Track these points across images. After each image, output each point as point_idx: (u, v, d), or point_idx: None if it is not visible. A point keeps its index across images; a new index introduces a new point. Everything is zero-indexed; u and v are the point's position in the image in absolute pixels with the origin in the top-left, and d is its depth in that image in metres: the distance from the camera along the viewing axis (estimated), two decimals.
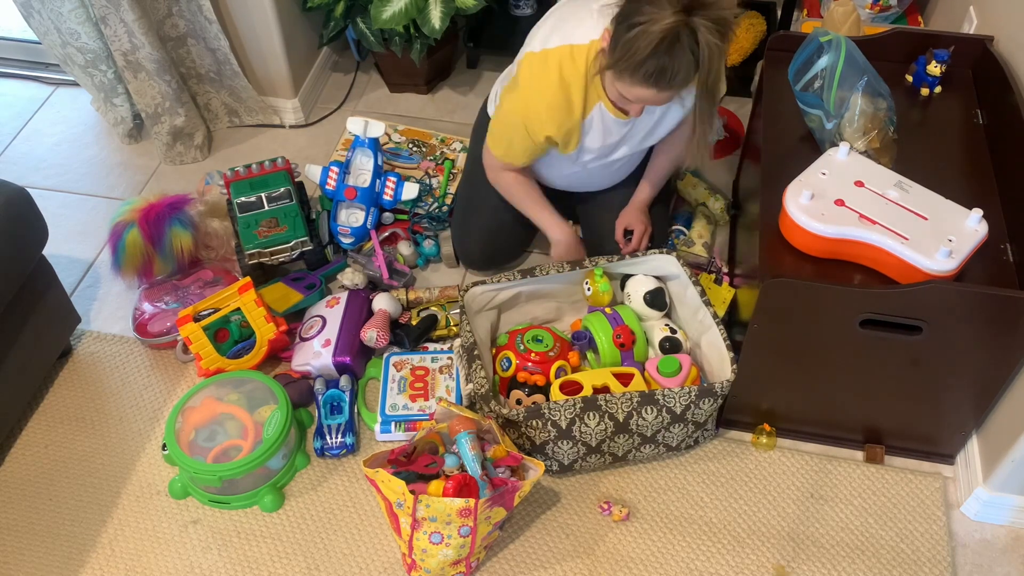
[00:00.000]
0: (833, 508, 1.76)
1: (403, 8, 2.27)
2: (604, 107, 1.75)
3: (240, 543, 1.73)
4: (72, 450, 1.87)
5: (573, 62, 1.68)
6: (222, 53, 2.32)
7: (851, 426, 1.81)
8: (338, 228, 2.10)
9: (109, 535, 1.75)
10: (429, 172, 2.33)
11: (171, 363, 2.02)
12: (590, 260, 1.92)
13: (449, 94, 2.66)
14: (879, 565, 1.68)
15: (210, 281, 2.07)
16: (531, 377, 1.81)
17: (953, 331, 1.53)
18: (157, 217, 2.01)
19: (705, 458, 1.84)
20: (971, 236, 1.50)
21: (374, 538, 1.73)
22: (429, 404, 1.86)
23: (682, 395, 1.67)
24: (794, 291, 1.54)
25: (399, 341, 1.97)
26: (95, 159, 2.51)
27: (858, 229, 1.52)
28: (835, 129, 1.70)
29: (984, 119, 1.78)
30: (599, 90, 1.71)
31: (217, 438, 1.76)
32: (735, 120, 2.50)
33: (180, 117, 2.38)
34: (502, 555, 1.70)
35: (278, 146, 2.52)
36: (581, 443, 1.70)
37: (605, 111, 1.75)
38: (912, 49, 1.87)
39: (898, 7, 2.30)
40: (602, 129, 1.80)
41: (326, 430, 1.83)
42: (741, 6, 2.50)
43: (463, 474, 1.58)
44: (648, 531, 1.73)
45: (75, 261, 2.24)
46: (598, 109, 1.75)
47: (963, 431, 1.76)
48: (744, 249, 1.99)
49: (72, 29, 2.22)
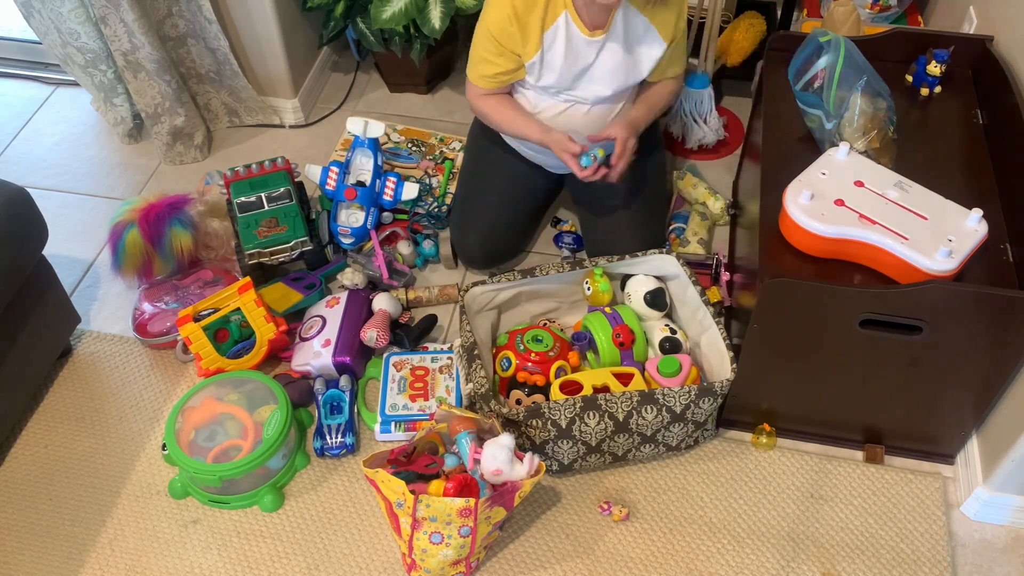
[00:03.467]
0: (833, 508, 1.76)
1: (403, 8, 2.27)
2: (570, 17, 1.74)
3: (240, 543, 1.73)
4: (72, 450, 1.87)
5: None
6: (222, 53, 2.32)
7: (851, 426, 1.81)
8: (338, 229, 2.10)
9: (109, 535, 1.75)
10: (429, 172, 2.33)
11: (171, 363, 2.02)
12: (590, 260, 1.92)
13: (449, 94, 2.66)
14: (879, 565, 1.68)
15: (210, 281, 2.07)
16: (531, 377, 1.81)
17: (953, 331, 1.53)
18: (157, 217, 2.01)
19: (705, 458, 1.84)
20: (971, 236, 1.50)
21: (374, 538, 1.73)
22: (429, 404, 1.86)
23: (682, 394, 1.67)
24: (794, 291, 1.54)
25: (399, 341, 1.97)
26: (95, 159, 2.51)
27: (858, 229, 1.52)
28: (835, 129, 1.70)
29: (984, 119, 1.78)
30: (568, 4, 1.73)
31: (217, 438, 1.76)
32: (735, 120, 2.50)
33: (180, 117, 2.38)
34: (502, 555, 1.71)
35: (278, 146, 2.53)
36: (581, 443, 1.70)
37: (571, 22, 1.75)
38: (912, 49, 1.87)
39: (898, 7, 2.30)
40: (566, 43, 1.77)
41: (326, 430, 1.83)
42: (741, 6, 2.51)
43: (463, 474, 1.58)
44: (648, 531, 1.73)
45: (75, 261, 2.24)
46: (563, 19, 1.75)
47: (963, 431, 1.76)
48: (744, 249, 1.99)
49: (72, 29, 2.22)
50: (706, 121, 2.36)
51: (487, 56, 1.83)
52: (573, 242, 2.21)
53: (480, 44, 1.84)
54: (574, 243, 2.21)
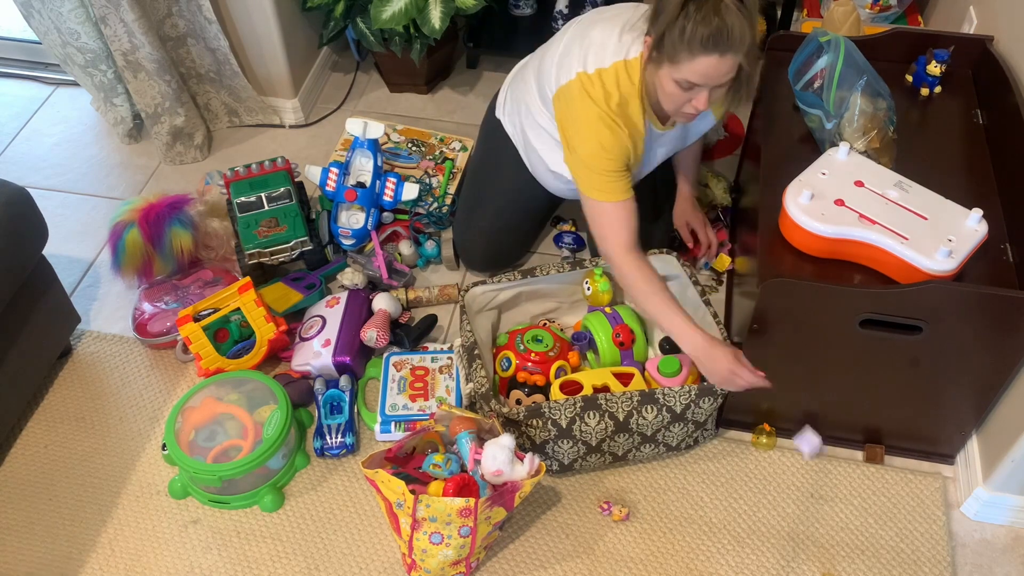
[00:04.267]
0: (833, 508, 1.76)
1: (403, 8, 2.27)
2: (651, 122, 1.76)
3: (240, 543, 1.73)
4: (72, 450, 1.87)
5: (629, 77, 1.67)
6: (222, 53, 2.32)
7: (851, 426, 1.81)
8: (339, 230, 2.10)
9: (109, 535, 1.75)
10: (429, 172, 2.33)
11: (171, 363, 2.02)
12: (590, 260, 1.92)
13: (449, 94, 2.66)
14: (879, 565, 1.68)
15: (210, 281, 2.07)
16: (531, 377, 1.81)
17: (953, 331, 1.53)
18: (157, 217, 2.01)
19: (705, 458, 1.84)
20: (971, 236, 1.50)
21: (374, 538, 1.73)
22: (429, 404, 1.86)
23: (682, 394, 1.67)
24: (794, 291, 1.54)
25: (399, 341, 1.97)
26: (95, 159, 2.51)
27: (858, 229, 1.52)
28: (835, 129, 1.70)
29: (984, 119, 1.78)
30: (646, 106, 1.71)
31: (217, 438, 1.76)
32: (735, 120, 2.50)
33: (180, 117, 2.38)
34: (502, 555, 1.70)
35: (278, 146, 2.52)
36: (581, 442, 1.70)
37: (651, 125, 1.76)
38: (912, 49, 1.87)
39: (898, 7, 2.30)
40: (649, 142, 1.80)
41: (326, 430, 1.83)
42: None
43: (463, 474, 1.58)
44: (648, 531, 1.73)
45: (75, 261, 2.24)
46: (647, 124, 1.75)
47: (963, 431, 1.76)
48: (744, 249, 1.99)
49: (72, 29, 2.22)
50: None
51: (611, 173, 1.70)
52: (573, 242, 2.21)
53: (602, 165, 1.69)
54: (574, 243, 2.21)
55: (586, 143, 1.69)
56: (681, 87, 1.58)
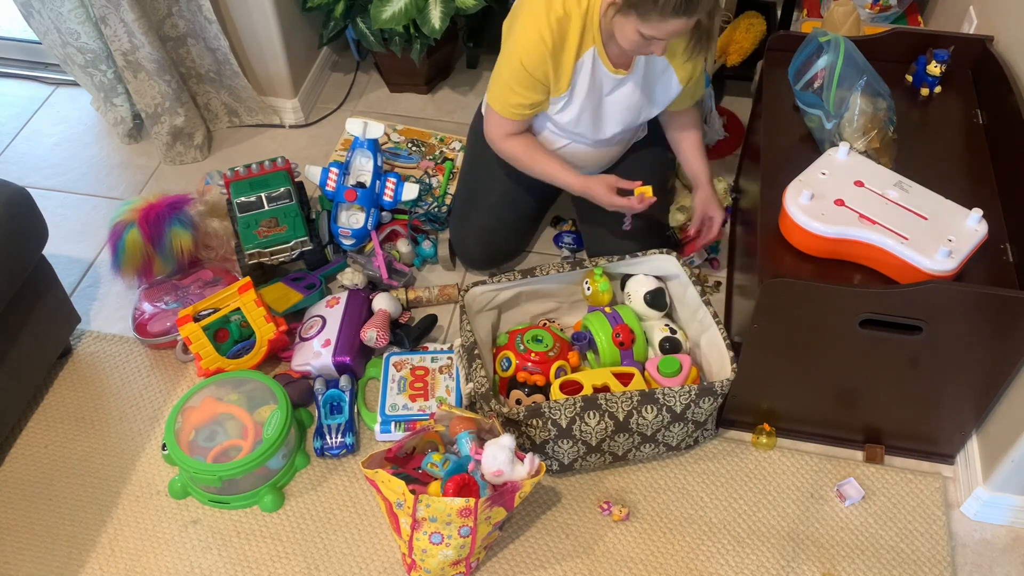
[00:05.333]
0: (833, 508, 1.76)
1: (403, 8, 2.27)
2: (597, 54, 1.74)
3: (240, 543, 1.73)
4: (72, 450, 1.87)
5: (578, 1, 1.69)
6: (222, 53, 2.32)
7: (851, 426, 1.81)
8: (339, 230, 2.10)
9: (109, 535, 1.75)
10: (429, 172, 2.33)
11: (171, 363, 2.02)
12: (590, 260, 1.92)
13: (449, 94, 2.66)
14: (879, 565, 1.68)
15: (210, 281, 2.07)
16: (531, 377, 1.81)
17: (953, 331, 1.53)
18: (157, 217, 2.01)
19: (705, 458, 1.84)
20: (971, 236, 1.50)
21: (374, 538, 1.73)
22: (429, 404, 1.86)
23: (682, 394, 1.67)
24: (794, 291, 1.54)
25: (399, 341, 1.97)
26: (95, 159, 2.51)
27: (858, 229, 1.52)
28: (835, 129, 1.70)
29: (984, 119, 1.78)
30: (595, 34, 1.71)
31: (217, 438, 1.76)
32: (735, 120, 2.50)
33: (180, 117, 2.38)
34: (502, 555, 1.70)
35: (278, 146, 2.52)
36: (581, 442, 1.70)
37: (597, 58, 1.75)
38: (912, 49, 1.87)
39: (898, 7, 2.30)
40: (590, 78, 1.78)
41: (326, 430, 1.83)
42: (741, 6, 2.51)
43: (463, 474, 1.58)
44: (648, 531, 1.73)
45: (75, 261, 2.24)
46: (591, 54, 1.74)
47: (963, 431, 1.76)
48: (744, 248, 1.99)
49: (72, 29, 2.22)
50: (706, 121, 2.36)
51: (516, 87, 1.78)
52: (573, 242, 2.22)
53: (508, 74, 1.78)
54: (574, 243, 2.21)
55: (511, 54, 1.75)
56: (643, 37, 1.61)
